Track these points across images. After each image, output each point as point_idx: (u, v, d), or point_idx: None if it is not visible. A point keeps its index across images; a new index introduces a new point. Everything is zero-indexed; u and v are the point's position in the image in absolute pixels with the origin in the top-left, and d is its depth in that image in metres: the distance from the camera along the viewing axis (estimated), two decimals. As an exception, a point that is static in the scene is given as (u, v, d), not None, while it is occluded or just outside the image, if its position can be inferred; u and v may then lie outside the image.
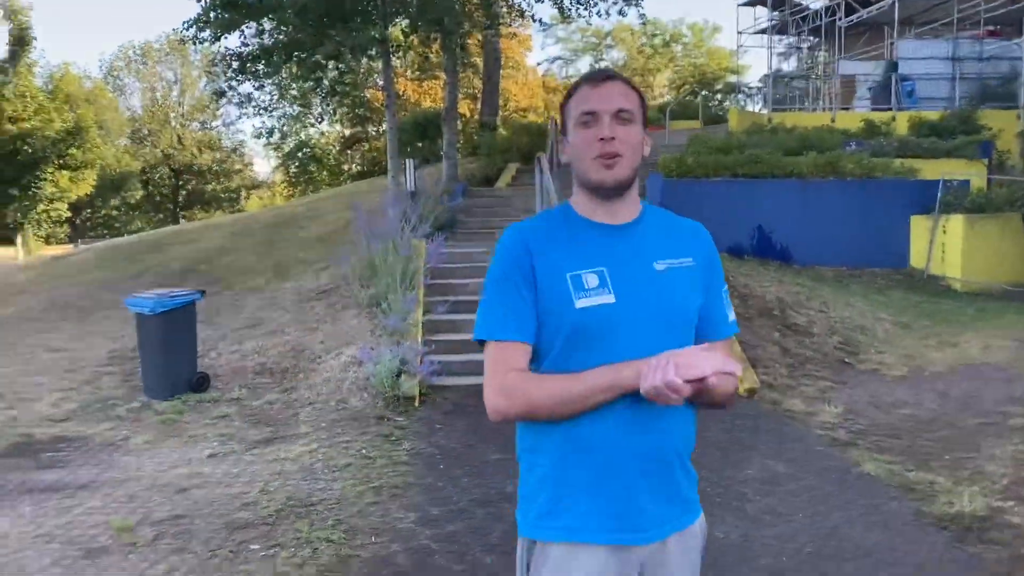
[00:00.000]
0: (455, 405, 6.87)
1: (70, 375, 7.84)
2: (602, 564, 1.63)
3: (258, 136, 38.40)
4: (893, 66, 20.22)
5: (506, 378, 1.62)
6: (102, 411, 6.81)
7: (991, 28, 20.34)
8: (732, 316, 1.84)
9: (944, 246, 13.13)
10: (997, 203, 13.37)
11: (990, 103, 18.91)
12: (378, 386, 6.82)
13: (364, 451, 5.68)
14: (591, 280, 1.64)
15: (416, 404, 6.80)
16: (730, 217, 12.76)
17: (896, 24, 20.81)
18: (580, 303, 1.62)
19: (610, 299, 1.62)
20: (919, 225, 13.54)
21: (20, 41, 24.72)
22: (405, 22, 12.59)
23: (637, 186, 1.74)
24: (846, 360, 8.06)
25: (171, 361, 7.04)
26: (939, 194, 13.29)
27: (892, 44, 21.26)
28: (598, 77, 1.70)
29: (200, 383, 7.22)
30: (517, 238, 1.70)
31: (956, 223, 12.93)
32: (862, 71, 21.52)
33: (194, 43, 11.26)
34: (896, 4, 20.37)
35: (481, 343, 1.69)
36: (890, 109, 19.10)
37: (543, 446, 1.67)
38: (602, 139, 1.64)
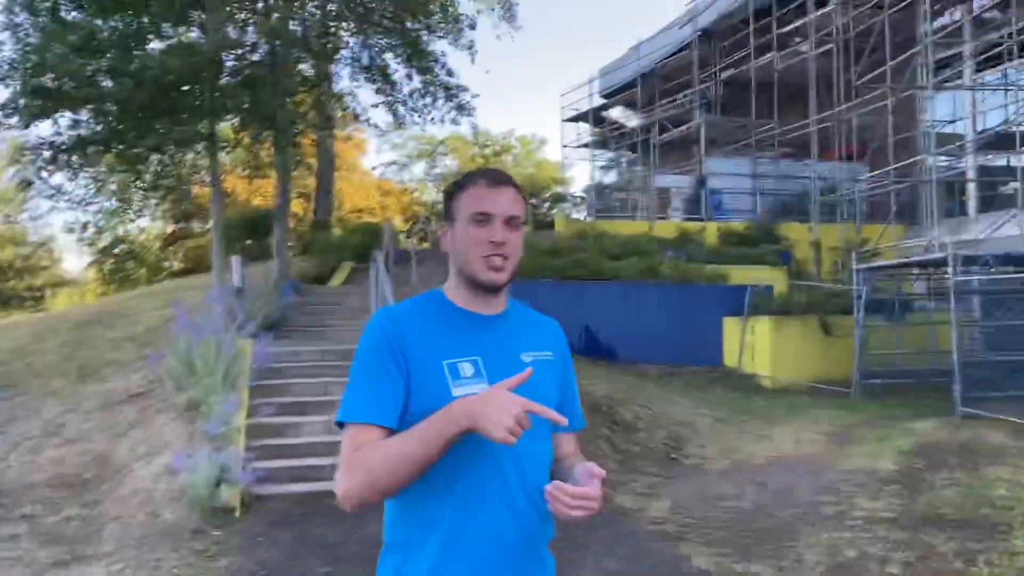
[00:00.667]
0: (281, 515, 6.45)
1: None
2: None
3: (70, 231, 36.01)
4: (702, 181, 21.97)
5: (349, 457, 1.59)
6: None
7: (785, 150, 22.61)
8: (579, 407, 1.94)
9: (754, 346, 14.07)
10: (798, 306, 14.56)
11: (788, 216, 20.81)
12: (195, 497, 6.30)
13: (176, 570, 5.18)
14: (467, 369, 1.67)
15: (237, 515, 6.32)
16: (560, 317, 12.69)
17: (703, 143, 22.75)
18: (456, 391, 1.63)
19: (484, 387, 1.63)
20: (730, 326, 14.49)
21: None
22: (235, 119, 12.41)
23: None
24: (672, 456, 8.32)
25: (-50, 475, 6.23)
26: (747, 298, 14.32)
27: (701, 161, 23.14)
28: (495, 179, 1.76)
29: (-16, 500, 6.41)
30: (390, 320, 1.69)
31: (763, 325, 13.93)
32: (675, 184, 23.21)
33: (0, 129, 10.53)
34: (703, 126, 22.32)
35: (341, 425, 1.65)
36: (701, 219, 20.61)
37: (420, 540, 1.65)
38: (493, 242, 1.69)
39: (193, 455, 6.74)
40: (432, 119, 14.92)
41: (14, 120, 10.31)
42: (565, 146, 30.15)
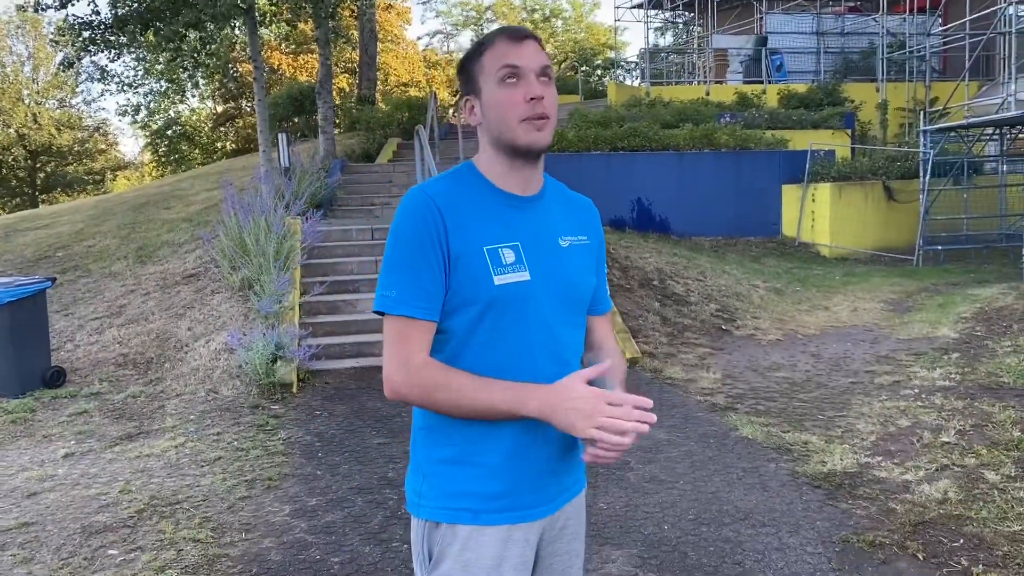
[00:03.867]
0: (335, 389, 6.62)
1: (-96, 375, 7.11)
2: (509, 540, 1.60)
3: (123, 114, 36.42)
4: (763, 40, 20.88)
5: (411, 359, 1.52)
6: (-59, 413, 6.20)
7: (852, 4, 21.25)
8: (607, 293, 1.87)
9: (813, 214, 13.68)
10: (861, 172, 14.02)
11: (853, 76, 19.78)
12: (252, 374, 6.48)
13: (236, 443, 5.37)
14: (508, 255, 1.56)
15: (294, 390, 6.51)
16: (611, 190, 12.89)
17: (764, 0, 21.48)
18: (499, 279, 1.54)
19: (525, 276, 1.56)
20: (790, 194, 14.05)
21: None
22: (272, -11, 12.02)
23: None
24: (723, 327, 8.24)
25: (21, 355, 6.48)
26: (808, 164, 13.81)
27: (761, 19, 21.93)
28: (517, 33, 1.58)
29: (55, 378, 6.69)
30: (429, 202, 1.55)
31: (824, 191, 13.48)
32: (734, 45, 22.14)
33: (36, 10, 10.36)
34: (764, -20, 21.01)
35: (381, 313, 1.57)
36: (761, 82, 19.72)
37: (449, 427, 1.58)
38: (533, 99, 1.53)
39: (249, 333, 6.90)
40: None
41: (50, 0, 10.16)
42: (618, 7, 28.76)
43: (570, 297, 1.63)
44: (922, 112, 15.05)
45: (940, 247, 13.05)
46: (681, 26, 33.24)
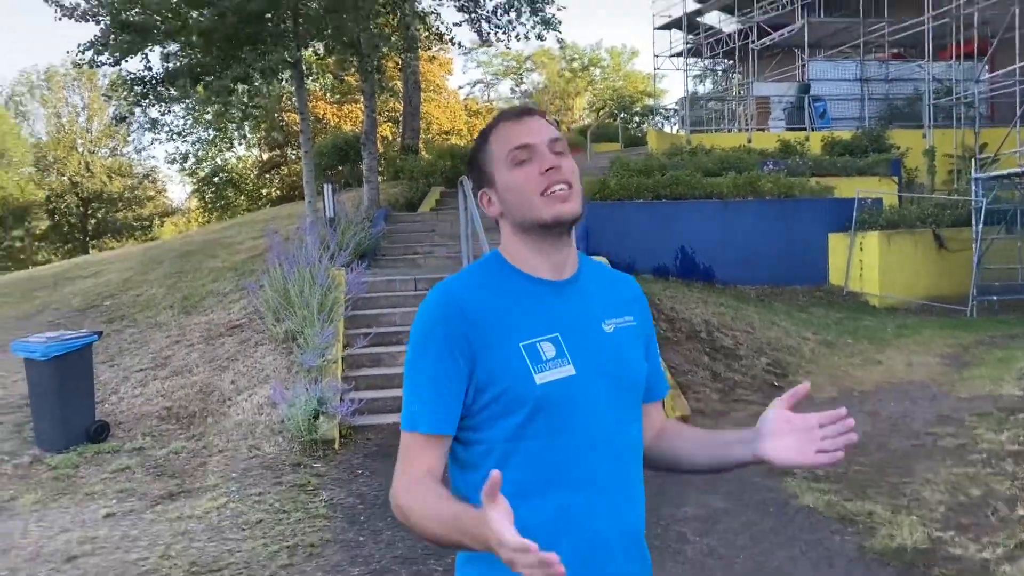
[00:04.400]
0: (377, 446, 6.49)
1: (-47, 428, 7.16)
2: None
3: (171, 162, 37.12)
4: (805, 87, 20.75)
5: (412, 478, 1.41)
6: (-13, 468, 6.20)
7: (895, 51, 21.09)
8: (664, 374, 1.78)
9: (861, 263, 13.37)
10: (910, 219, 13.71)
11: (898, 123, 19.53)
12: (294, 429, 6.39)
13: (278, 504, 5.26)
14: (548, 350, 1.43)
15: (336, 447, 6.40)
16: (654, 239, 12.75)
17: (806, 47, 21.39)
18: (541, 378, 1.41)
19: (570, 371, 1.43)
20: (837, 242, 13.78)
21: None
22: (319, 44, 12.21)
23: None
24: (775, 383, 7.99)
25: (66, 410, 6.48)
26: (855, 212, 13.55)
27: (803, 66, 21.83)
28: (519, 112, 1.52)
29: (98, 432, 6.67)
30: (450, 303, 1.44)
31: (872, 240, 13.19)
32: (775, 92, 22.03)
33: (91, 67, 10.67)
34: (806, 28, 20.94)
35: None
36: (804, 129, 19.55)
37: (521, 515, 1.39)
38: (549, 169, 1.45)
39: (291, 387, 6.83)
40: (516, 35, 14.40)
41: (105, 56, 10.43)
42: (657, 56, 28.90)
43: (622, 387, 1.51)
44: (972, 159, 14.75)
45: (995, 297, 12.65)
46: (720, 73, 33.30)
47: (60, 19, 10.39)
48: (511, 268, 1.50)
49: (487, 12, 13.97)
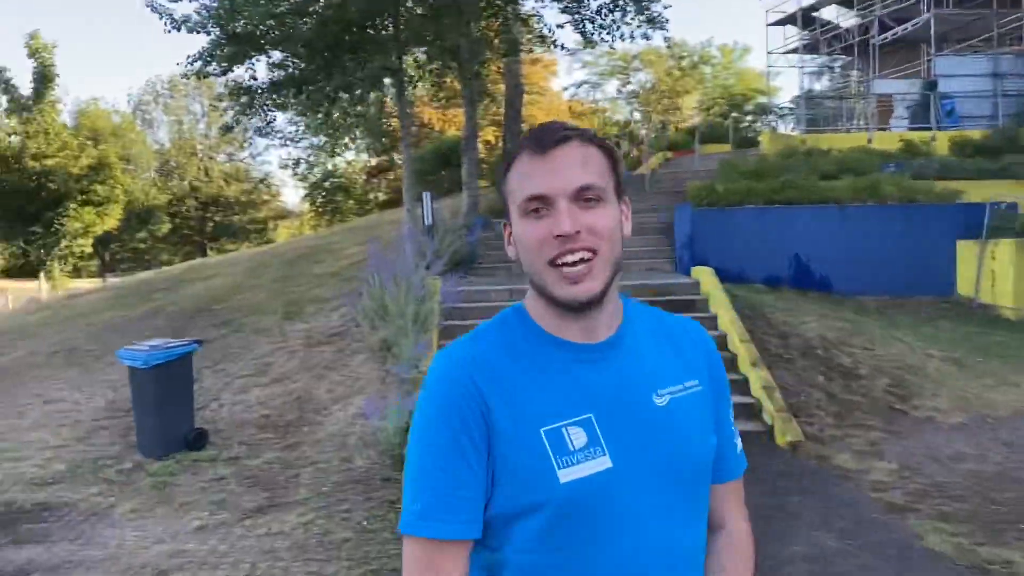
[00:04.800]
0: (469, 463, 6.31)
1: (64, 430, 7.40)
2: None
3: (284, 167, 38.70)
4: (931, 84, 19.53)
5: None
6: (92, 472, 6.34)
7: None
8: (739, 443, 1.37)
9: (994, 273, 12.38)
10: (1051, 226, 12.61)
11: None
12: (385, 443, 6.28)
13: (365, 522, 5.14)
14: (577, 437, 1.13)
15: (427, 462, 6.25)
16: (765, 246, 12.17)
17: (933, 41, 20.13)
18: (566, 475, 1.11)
19: (606, 463, 1.13)
20: (966, 251, 12.81)
21: (43, 78, 24.82)
22: (420, 51, 12.19)
23: (617, 285, 1.23)
24: (897, 406, 7.38)
25: (166, 417, 6.57)
26: (986, 218, 12.57)
27: (930, 61, 20.55)
28: (545, 141, 1.17)
29: (197, 440, 6.74)
30: (462, 376, 1.15)
31: (1006, 248, 12.19)
32: (899, 90, 20.82)
33: (199, 77, 10.96)
34: (932, 20, 19.71)
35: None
36: (930, 129, 18.39)
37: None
38: (560, 236, 1.13)
39: (385, 399, 6.74)
40: (621, 35, 14.02)
41: (213, 67, 10.70)
42: (770, 52, 27.85)
43: (680, 479, 1.18)
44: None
45: None
46: (838, 70, 31.85)
47: (169, 32, 10.73)
48: (535, 329, 1.21)
49: (591, 12, 13.64)
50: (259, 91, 11.16)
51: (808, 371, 7.82)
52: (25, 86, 26.19)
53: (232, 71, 10.88)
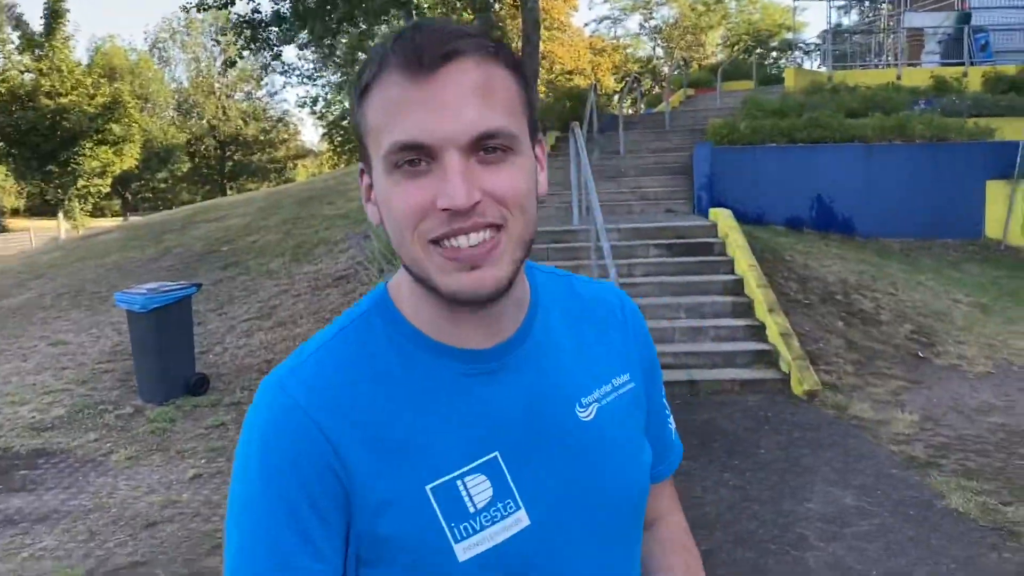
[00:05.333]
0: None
1: (66, 373, 7.31)
2: None
3: (302, 105, 38.07)
4: (965, 17, 18.70)
5: None
6: (91, 418, 6.24)
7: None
8: (673, 426, 1.08)
9: (1025, 215, 11.95)
10: (1087, 166, 12.09)
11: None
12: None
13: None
14: (479, 490, 0.82)
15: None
16: (787, 187, 11.78)
17: (969, -30, 19.24)
18: (467, 550, 0.80)
19: (522, 521, 0.83)
20: (996, 191, 12.34)
21: (54, 14, 24.40)
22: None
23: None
24: (920, 353, 7.11)
25: (166, 361, 6.43)
26: (1019, 157, 12.08)
27: (965, -8, 19.68)
28: (427, 54, 0.74)
29: (198, 385, 6.61)
30: (296, 420, 0.80)
31: (1040, 189, 11.73)
32: (930, 23, 19.97)
33: (199, 11, 10.59)
34: (970, -52, 18.81)
35: None
36: (962, 64, 17.66)
37: None
38: (446, 210, 0.75)
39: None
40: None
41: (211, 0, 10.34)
42: (797, -14, 26.81)
43: (618, 515, 0.91)
44: None
45: None
46: (868, 4, 30.71)
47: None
48: (408, 331, 0.85)
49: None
50: (262, 24, 10.79)
51: (827, 317, 7.53)
52: (36, 22, 25.79)
53: (233, 3, 10.49)
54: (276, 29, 10.74)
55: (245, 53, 11.36)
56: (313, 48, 13.21)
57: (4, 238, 30.99)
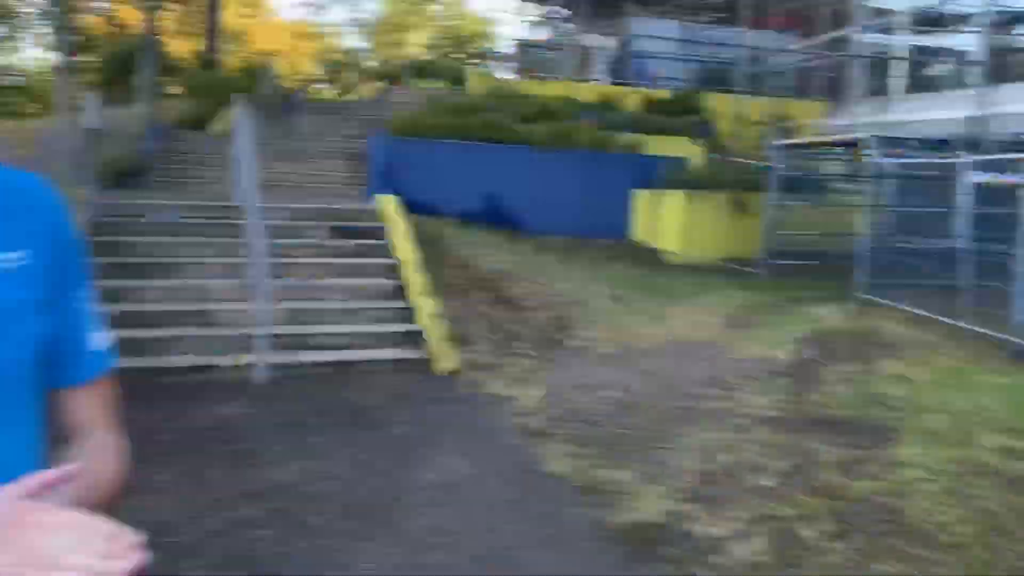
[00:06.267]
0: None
1: None
2: None
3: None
4: (627, 43, 20.80)
5: None
6: None
7: (718, 15, 21.50)
8: (104, 338, 1.08)
9: (664, 220, 13.50)
10: (713, 181, 13.94)
11: (713, 87, 19.95)
12: None
13: None
14: None
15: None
16: (461, 182, 12.25)
17: (632, 2, 21.41)
18: None
19: None
20: (641, 199, 13.83)
21: None
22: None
23: None
24: (556, 336, 7.71)
25: None
26: (662, 170, 13.63)
27: (627, 21, 21.87)
28: None
29: None
30: None
31: (675, 198, 13.30)
32: (600, 44, 21.95)
33: None
34: (634, -19, 20.91)
35: None
36: (627, 85, 19.59)
37: None
38: None
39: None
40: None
41: None
42: (493, -3, 28.13)
43: None
44: (774, 128, 15.20)
45: (785, 261, 13.11)
46: (558, 23, 33.03)
47: None
48: None
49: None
50: None
51: (480, 303, 7.92)
52: None
53: None
54: None
55: None
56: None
57: None
